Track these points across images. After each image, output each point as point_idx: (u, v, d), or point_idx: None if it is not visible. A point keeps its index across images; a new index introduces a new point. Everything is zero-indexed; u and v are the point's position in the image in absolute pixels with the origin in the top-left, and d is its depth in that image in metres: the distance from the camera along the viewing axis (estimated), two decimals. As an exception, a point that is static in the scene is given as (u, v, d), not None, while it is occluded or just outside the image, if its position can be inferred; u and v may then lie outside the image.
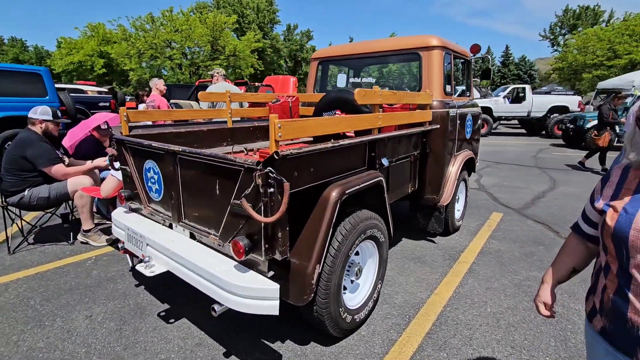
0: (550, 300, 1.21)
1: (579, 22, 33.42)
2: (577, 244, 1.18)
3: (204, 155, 1.82)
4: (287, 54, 40.46)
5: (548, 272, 1.25)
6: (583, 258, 1.18)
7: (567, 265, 1.19)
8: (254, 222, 1.67)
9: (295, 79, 9.53)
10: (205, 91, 5.26)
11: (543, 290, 1.23)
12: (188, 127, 3.07)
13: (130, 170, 2.48)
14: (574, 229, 1.19)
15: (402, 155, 2.84)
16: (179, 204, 2.13)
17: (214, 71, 5.59)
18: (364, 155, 2.34)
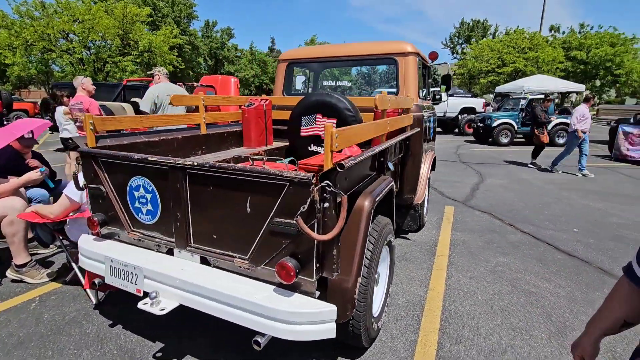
0: (590, 353, 0.99)
1: (473, 34, 38.47)
2: (632, 293, 0.91)
3: (235, 170, 1.61)
4: (207, 52, 38.35)
5: (593, 320, 1.01)
6: (638, 310, 0.92)
7: (616, 316, 0.94)
8: (302, 241, 1.54)
9: (237, 79, 9.05)
10: (150, 92, 4.71)
11: (585, 341, 1.00)
12: (162, 136, 2.68)
13: (106, 189, 2.07)
14: (627, 273, 0.93)
15: (394, 158, 2.91)
16: (186, 226, 1.85)
17: (156, 70, 5.01)
18: (375, 161, 2.34)
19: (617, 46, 24.92)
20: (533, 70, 23.69)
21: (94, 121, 2.15)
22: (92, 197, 2.16)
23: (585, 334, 1.01)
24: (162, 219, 1.94)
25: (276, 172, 1.52)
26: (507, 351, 2.18)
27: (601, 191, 6.32)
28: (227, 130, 3.39)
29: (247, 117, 3.44)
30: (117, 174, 2.02)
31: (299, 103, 3.46)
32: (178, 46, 26.45)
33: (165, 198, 1.88)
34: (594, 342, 0.98)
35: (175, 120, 2.87)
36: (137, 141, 2.47)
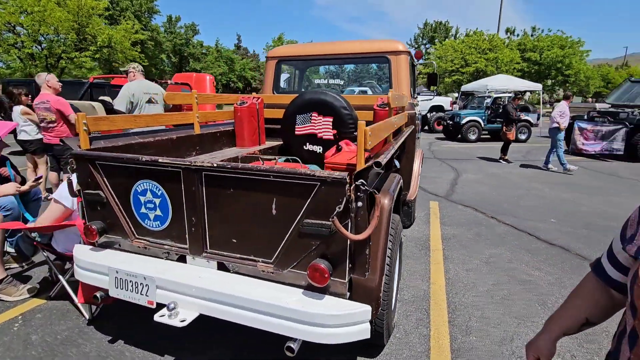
0: (546, 353, 0.90)
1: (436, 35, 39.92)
2: (596, 289, 0.86)
3: (261, 171, 1.54)
4: (170, 49, 36.82)
5: (552, 317, 0.94)
6: (602, 309, 0.86)
7: (578, 314, 0.88)
8: (334, 242, 1.50)
9: (212, 77, 8.72)
10: (125, 90, 4.43)
11: (541, 339, 0.92)
12: (156, 136, 2.52)
13: (106, 195, 1.91)
14: (594, 268, 0.88)
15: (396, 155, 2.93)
16: (202, 231, 1.75)
17: (130, 67, 4.72)
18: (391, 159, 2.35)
19: (566, 49, 26.90)
20: (493, 70, 24.99)
21: (88, 121, 1.98)
22: (87, 203, 1.98)
23: (544, 332, 0.93)
24: (173, 224, 1.82)
25: (308, 172, 1.47)
26: (514, 339, 2.27)
27: (566, 183, 6.79)
28: (220, 129, 3.26)
29: (240, 116, 3.33)
30: (120, 178, 1.87)
31: (293, 101, 3.40)
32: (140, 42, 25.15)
33: (177, 202, 1.77)
34: (552, 342, 0.90)
35: (168, 120, 2.71)
36: (131, 142, 2.30)
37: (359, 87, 5.61)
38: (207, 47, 41.70)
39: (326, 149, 3.39)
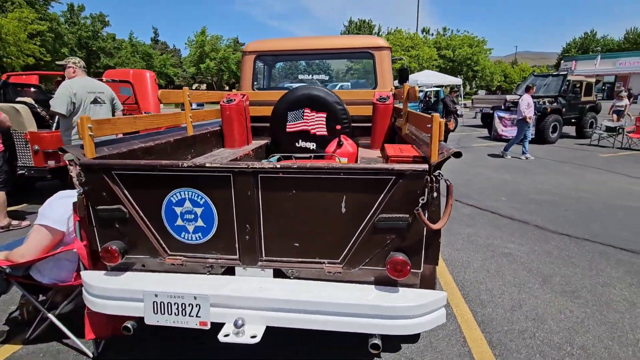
0: None
1: (360, 32, 41.70)
2: None
3: (331, 169, 1.47)
4: (74, 42, 32.37)
5: None
6: None
7: None
8: (411, 234, 1.52)
9: (153, 73, 7.87)
10: (65, 89, 3.85)
11: None
12: (155, 140, 2.24)
13: (128, 209, 1.65)
14: None
15: None
16: (257, 238, 1.62)
17: (69, 62, 4.09)
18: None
19: (474, 47, 30.35)
20: (416, 66, 27.07)
21: (92, 125, 1.68)
22: (101, 221, 1.69)
23: None
24: (219, 235, 1.65)
25: (386, 167, 1.46)
26: (522, 305, 2.55)
27: (502, 165, 7.72)
28: (209, 130, 3.01)
29: (229, 115, 3.12)
30: (148, 188, 1.63)
31: (282, 98, 3.31)
32: (38, 34, 21.62)
33: (225, 210, 1.61)
34: None
35: (164, 121, 2.41)
36: (134, 147, 2.02)
37: (339, 83, 5.61)
38: (120, 40, 37.68)
39: (319, 145, 3.38)
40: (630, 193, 5.54)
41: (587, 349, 2.09)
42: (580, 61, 39.16)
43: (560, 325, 2.31)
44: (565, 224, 4.16)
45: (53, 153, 4.59)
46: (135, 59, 38.20)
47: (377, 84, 3.55)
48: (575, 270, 3.05)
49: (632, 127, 10.59)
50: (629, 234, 3.82)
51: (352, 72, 7.39)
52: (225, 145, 3.19)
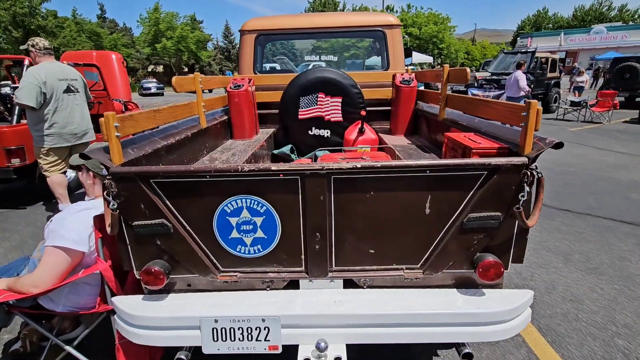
0: None
1: (325, 9, 40.65)
2: None
3: (419, 166, 1.30)
4: (8, 20, 28.74)
5: None
6: None
7: None
8: (500, 232, 1.40)
9: (120, 55, 7.04)
10: (32, 76, 3.35)
11: None
12: (176, 136, 1.93)
13: (172, 223, 1.39)
14: None
15: None
16: (328, 247, 1.43)
17: (28, 44, 3.54)
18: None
19: (439, 24, 30.65)
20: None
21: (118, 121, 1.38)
22: (138, 239, 1.41)
23: None
24: (282, 246, 1.44)
25: (479, 162, 1.30)
26: (555, 286, 2.58)
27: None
28: (219, 119, 2.70)
29: (238, 102, 2.82)
30: (197, 198, 1.37)
31: (293, 82, 3.05)
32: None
33: (291, 218, 1.40)
34: None
35: (180, 112, 2.08)
36: (157, 147, 1.71)
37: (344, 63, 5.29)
38: (63, 18, 34.05)
39: (334, 132, 3.17)
40: (607, 165, 5.87)
41: (631, 327, 2.14)
42: (534, 38, 40.95)
43: (598, 305, 2.35)
44: (562, 199, 4.30)
45: (17, 150, 4.01)
46: (81, 39, 34.77)
47: (388, 64, 3.36)
48: (590, 246, 3.14)
49: (594, 101, 11.25)
50: (623, 205, 4.02)
51: (354, 51, 6.89)
52: (234, 136, 2.90)
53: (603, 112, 10.86)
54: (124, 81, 6.90)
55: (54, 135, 3.57)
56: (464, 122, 2.05)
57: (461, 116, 2.16)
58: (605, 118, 10.80)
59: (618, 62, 13.62)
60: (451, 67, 2.33)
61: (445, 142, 1.75)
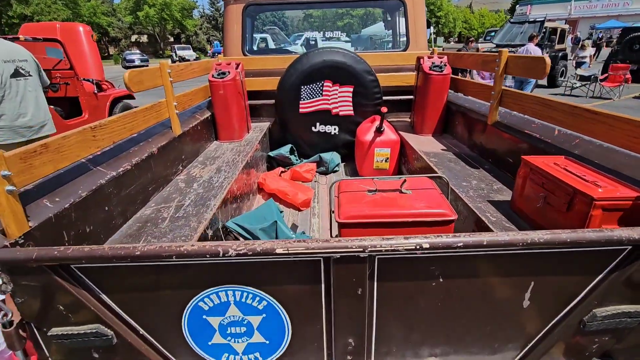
0: None
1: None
2: None
3: (526, 243, 0.77)
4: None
5: None
6: None
7: None
8: (634, 334, 0.90)
9: (88, 28, 6.15)
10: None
11: None
12: (133, 156, 1.35)
13: (115, 329, 0.85)
14: None
15: None
16: (365, 355, 0.92)
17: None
18: None
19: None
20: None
21: (19, 164, 0.80)
22: (61, 354, 0.88)
23: None
24: (293, 354, 0.92)
25: (623, 234, 0.77)
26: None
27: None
28: (199, 119, 2.09)
29: (224, 95, 2.20)
30: (154, 291, 0.83)
31: (293, 66, 2.44)
32: None
33: (306, 316, 0.88)
34: None
35: (142, 122, 1.47)
36: (101, 182, 1.15)
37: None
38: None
39: (343, 129, 2.60)
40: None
41: None
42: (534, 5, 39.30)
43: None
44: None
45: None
46: (57, 7, 32.31)
47: (408, 40, 2.73)
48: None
49: (604, 76, 10.64)
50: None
51: (347, 20, 5.95)
52: (219, 138, 2.31)
53: (614, 88, 10.30)
54: (94, 57, 6.08)
55: (5, 129, 2.93)
56: (532, 131, 1.50)
57: (523, 121, 1.60)
58: (616, 94, 10.25)
59: (628, 32, 12.88)
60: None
61: (525, 172, 1.21)
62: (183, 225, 1.25)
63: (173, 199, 1.45)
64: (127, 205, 1.28)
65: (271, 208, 1.57)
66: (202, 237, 1.23)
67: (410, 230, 1.13)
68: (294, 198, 2.01)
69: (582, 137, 1.26)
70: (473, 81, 2.10)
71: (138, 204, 1.36)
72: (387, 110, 2.17)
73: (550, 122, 1.38)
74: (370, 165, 2.36)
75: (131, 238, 1.18)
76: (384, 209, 1.14)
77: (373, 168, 2.36)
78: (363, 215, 1.13)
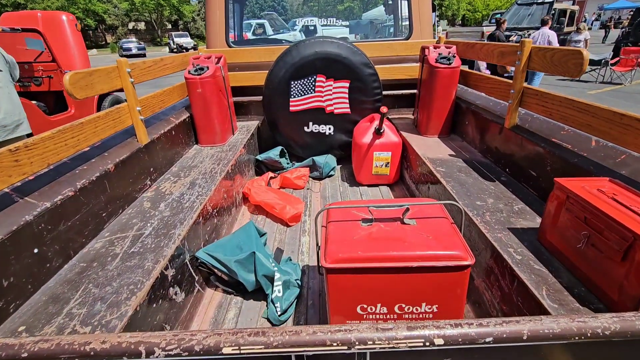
0: None
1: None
2: None
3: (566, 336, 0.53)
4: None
5: None
6: None
7: None
8: None
9: (73, 16, 5.80)
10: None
11: None
12: (77, 179, 1.12)
13: None
14: None
15: None
16: None
17: None
18: None
19: (441, -29, 27.95)
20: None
21: None
22: None
23: None
24: None
25: None
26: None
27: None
28: (174, 123, 1.84)
29: (203, 94, 1.95)
30: None
31: (281, 60, 2.18)
32: None
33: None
34: None
35: (91, 135, 1.23)
36: (27, 219, 0.92)
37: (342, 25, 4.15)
38: (26, -31, 30.61)
39: (338, 128, 2.36)
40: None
41: None
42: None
43: None
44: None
45: None
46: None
47: (412, 27, 2.44)
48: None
49: (615, 60, 10.19)
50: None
51: (348, 3, 5.40)
52: (200, 142, 2.06)
53: (625, 72, 9.87)
54: (79, 48, 5.77)
55: None
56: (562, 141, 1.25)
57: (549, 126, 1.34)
58: (627, 79, 9.82)
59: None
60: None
61: (559, 198, 0.96)
62: (135, 266, 1.02)
63: (132, 227, 1.22)
64: (68, 241, 1.05)
65: (249, 233, 1.34)
66: (158, 280, 1.00)
67: (415, 277, 0.89)
68: (281, 212, 1.78)
69: (631, 153, 1.01)
70: (488, 76, 1.82)
71: (86, 235, 1.13)
72: (387, 110, 1.91)
73: (586, 130, 1.13)
74: (368, 171, 2.11)
75: (69, 286, 0.95)
76: (381, 248, 0.91)
77: (372, 174, 2.12)
78: (355, 257, 0.90)
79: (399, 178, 2.19)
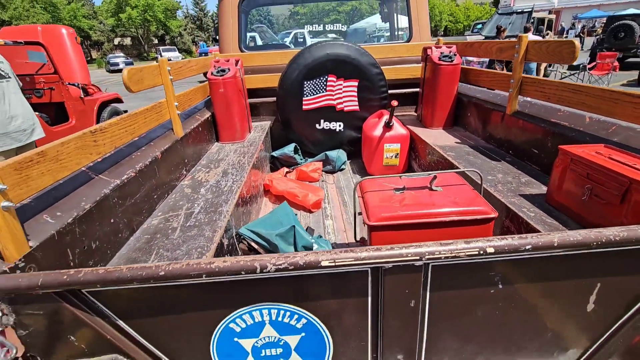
0: None
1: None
2: None
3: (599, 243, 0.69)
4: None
5: None
6: None
7: None
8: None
9: (72, 30, 5.89)
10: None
11: None
12: (137, 162, 1.24)
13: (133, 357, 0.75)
14: None
15: None
16: (416, 358, 0.84)
17: None
18: None
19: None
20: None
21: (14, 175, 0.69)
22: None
23: None
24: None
25: None
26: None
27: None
28: (200, 120, 1.98)
29: (224, 94, 2.09)
30: (178, 314, 0.73)
31: (294, 62, 2.34)
32: None
33: (349, 333, 0.79)
34: None
35: (143, 125, 1.36)
36: (105, 192, 1.04)
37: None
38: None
39: (348, 125, 2.52)
40: None
41: None
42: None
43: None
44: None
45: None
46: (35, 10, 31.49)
47: (412, 32, 2.65)
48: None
49: (593, 64, 10.75)
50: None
51: (334, 17, 5.79)
52: (220, 139, 2.19)
53: (602, 76, 10.41)
54: (79, 61, 5.86)
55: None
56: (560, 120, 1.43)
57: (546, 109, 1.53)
58: (604, 82, 10.36)
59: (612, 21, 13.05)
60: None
61: (564, 163, 1.13)
62: (196, 235, 1.14)
63: (181, 207, 1.35)
64: (133, 215, 1.17)
65: (287, 211, 1.47)
66: (219, 247, 1.13)
67: (448, 230, 1.04)
68: (304, 200, 1.91)
69: (620, 123, 1.20)
70: (487, 70, 2.02)
71: (144, 213, 1.25)
72: (397, 104, 2.09)
73: (581, 108, 1.31)
74: (379, 162, 2.27)
75: (141, 252, 1.07)
76: (417, 208, 1.06)
77: (382, 165, 2.28)
78: (396, 216, 1.04)
79: (407, 169, 2.36)
